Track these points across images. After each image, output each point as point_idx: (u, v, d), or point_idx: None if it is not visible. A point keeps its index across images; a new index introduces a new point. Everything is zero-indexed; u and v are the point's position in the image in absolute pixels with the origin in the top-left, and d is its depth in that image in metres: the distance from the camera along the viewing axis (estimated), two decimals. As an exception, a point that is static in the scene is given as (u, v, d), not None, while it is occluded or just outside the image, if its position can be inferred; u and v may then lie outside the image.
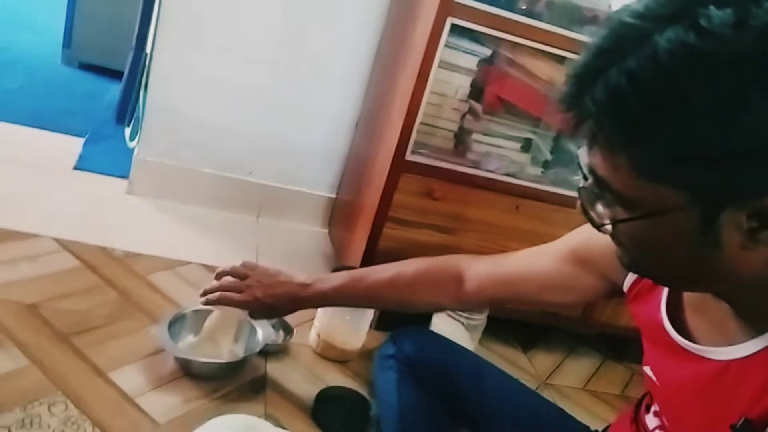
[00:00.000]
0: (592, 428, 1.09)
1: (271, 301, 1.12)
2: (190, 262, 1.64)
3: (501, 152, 1.60)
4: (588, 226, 0.65)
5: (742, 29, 0.48)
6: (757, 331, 0.64)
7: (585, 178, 0.63)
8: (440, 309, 1.18)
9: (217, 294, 1.13)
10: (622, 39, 0.53)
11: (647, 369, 0.84)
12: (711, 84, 0.50)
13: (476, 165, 1.57)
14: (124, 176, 1.92)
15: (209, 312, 1.31)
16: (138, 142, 1.90)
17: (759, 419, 0.60)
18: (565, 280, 0.95)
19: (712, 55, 0.49)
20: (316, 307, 1.20)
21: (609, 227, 0.62)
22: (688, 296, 0.76)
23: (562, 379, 1.67)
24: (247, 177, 1.98)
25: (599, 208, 0.62)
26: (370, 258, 1.54)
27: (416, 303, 1.11)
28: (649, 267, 0.66)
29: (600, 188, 0.61)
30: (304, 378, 1.35)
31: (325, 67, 1.90)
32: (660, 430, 0.83)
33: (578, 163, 0.63)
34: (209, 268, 1.64)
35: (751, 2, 0.49)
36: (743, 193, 0.53)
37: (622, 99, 0.53)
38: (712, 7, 0.49)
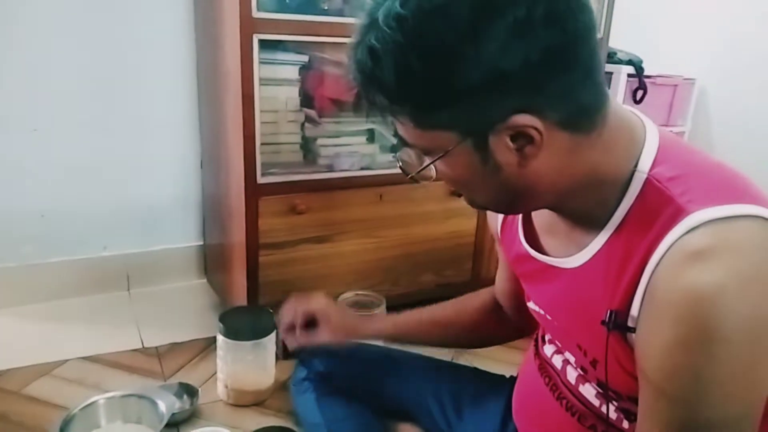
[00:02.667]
0: (508, 375, 1.13)
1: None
2: (66, 360, 1.51)
3: (349, 149, 1.61)
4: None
5: None
6: (595, 234, 0.69)
7: (399, 144, 0.72)
8: (489, 338, 1.19)
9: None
10: (365, 21, 0.63)
11: (531, 304, 0.89)
12: (423, 43, 0.59)
13: (330, 168, 1.58)
14: (-35, 294, 1.73)
15: (98, 403, 1.22)
16: (-31, 254, 1.72)
17: (620, 307, 0.66)
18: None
19: (411, 17, 0.58)
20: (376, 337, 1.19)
21: (420, 175, 0.70)
22: (538, 222, 0.83)
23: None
24: (103, 253, 1.85)
25: (409, 154, 0.71)
26: (255, 292, 1.50)
27: (471, 340, 1.19)
28: (476, 200, 0.74)
29: (404, 145, 0.70)
30: (224, 434, 1.28)
31: (149, 117, 1.81)
32: (557, 354, 0.88)
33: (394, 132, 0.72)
34: (90, 359, 1.53)
35: None
36: (489, 121, 0.61)
37: (367, 71, 0.63)
38: None
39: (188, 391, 1.37)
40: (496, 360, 1.60)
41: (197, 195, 1.92)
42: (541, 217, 0.82)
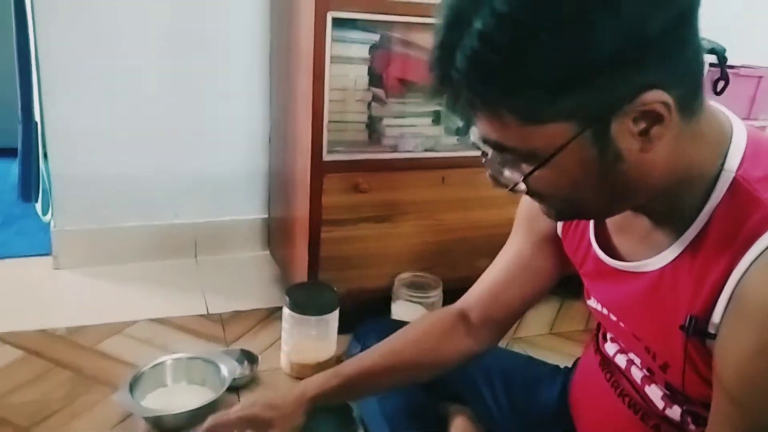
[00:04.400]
0: (562, 366, 1.12)
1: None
2: (136, 321, 1.59)
3: (414, 131, 1.61)
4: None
5: None
6: (676, 235, 0.67)
7: (484, 153, 0.65)
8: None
9: None
10: (461, 8, 0.56)
11: (592, 302, 0.87)
12: (552, 15, 0.52)
13: (394, 149, 1.59)
14: (47, 253, 1.85)
15: (166, 363, 1.29)
16: (52, 214, 1.83)
17: (702, 312, 0.63)
18: (528, 262, 0.94)
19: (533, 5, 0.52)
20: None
21: (522, 185, 0.63)
22: (611, 221, 0.79)
23: (528, 329, 1.71)
24: (174, 220, 1.93)
25: (507, 173, 0.64)
26: (316, 267, 1.53)
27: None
28: (573, 208, 0.68)
29: (499, 153, 0.63)
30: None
31: (223, 91, 1.87)
32: (620, 353, 0.86)
33: (473, 144, 0.65)
34: (158, 321, 1.60)
35: None
36: (618, 101, 0.55)
37: (482, 60, 0.55)
38: None
39: (249, 357, 1.42)
40: (552, 350, 1.59)
41: (264, 169, 1.97)
42: (615, 218, 0.77)
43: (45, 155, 1.78)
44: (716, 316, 0.62)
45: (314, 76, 1.40)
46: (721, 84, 1.90)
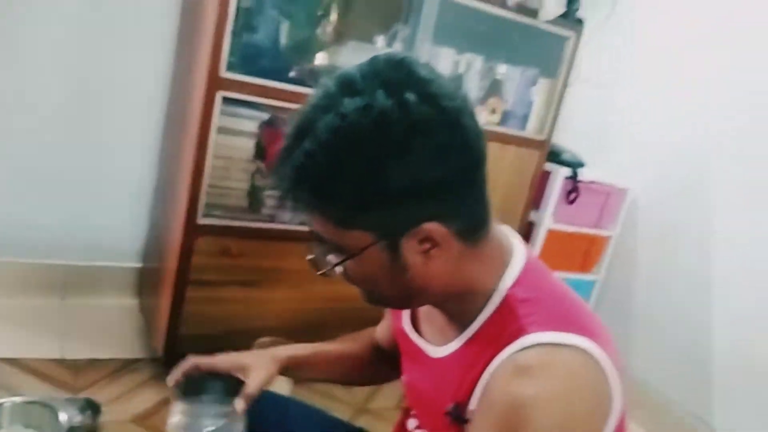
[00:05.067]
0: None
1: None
2: (-13, 360, 1.57)
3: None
4: None
5: (367, 111, 0.66)
6: (459, 333, 0.81)
7: (310, 240, 0.77)
8: (370, 379, 1.21)
9: None
10: (299, 126, 0.70)
11: (404, 377, 0.99)
12: (354, 154, 0.67)
13: (272, 219, 1.69)
14: None
15: (4, 405, 1.29)
16: None
17: (463, 400, 0.76)
18: None
19: (351, 131, 0.66)
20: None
21: (335, 270, 0.76)
22: (421, 310, 0.93)
23: (379, 401, 1.82)
24: (44, 260, 1.92)
25: (322, 251, 0.77)
26: (176, 324, 1.59)
27: (356, 379, 1.19)
28: (375, 296, 0.82)
29: (318, 241, 0.76)
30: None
31: (114, 142, 1.92)
32: (417, 429, 0.97)
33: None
34: (9, 361, 1.58)
35: (377, 92, 0.67)
36: (405, 225, 0.70)
37: (303, 173, 0.69)
38: (346, 99, 0.67)
39: (92, 407, 1.43)
40: (389, 420, 1.69)
41: (145, 219, 2.02)
42: (425, 306, 0.92)
43: None
44: (472, 404, 0.75)
45: (198, 143, 1.50)
46: (573, 195, 2.16)
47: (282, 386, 1.60)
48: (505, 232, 0.84)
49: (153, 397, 1.58)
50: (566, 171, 2.14)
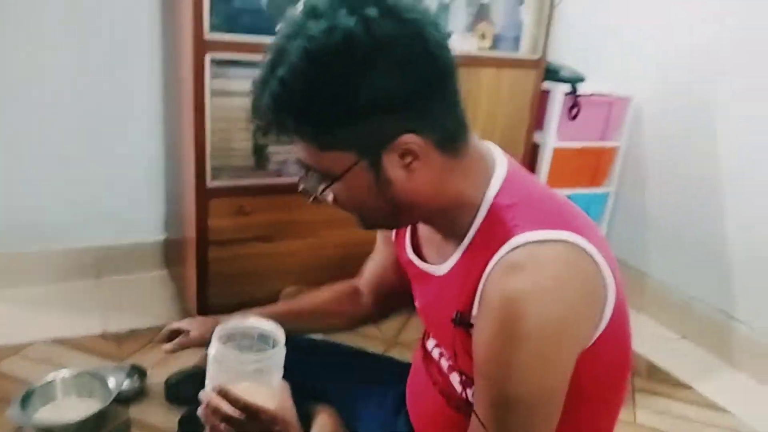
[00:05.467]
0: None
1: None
2: (33, 342, 1.67)
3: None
4: None
5: (331, 31, 0.70)
6: (455, 247, 0.85)
7: (301, 171, 0.82)
8: (353, 323, 1.29)
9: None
10: (272, 56, 0.74)
11: (417, 302, 1.04)
12: (325, 73, 0.70)
13: (279, 174, 1.74)
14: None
15: (56, 379, 1.38)
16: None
17: (465, 307, 0.81)
18: (393, 257, 1.14)
19: (319, 52, 0.70)
20: None
21: (327, 196, 0.81)
22: (420, 232, 0.98)
23: (409, 334, 1.89)
24: (75, 244, 2.01)
25: (310, 178, 0.81)
26: (205, 285, 1.66)
27: (336, 325, 1.27)
28: (367, 218, 0.87)
29: (305, 169, 0.81)
30: (165, 412, 1.45)
31: (121, 125, 1.97)
32: (436, 347, 1.02)
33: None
34: (56, 341, 1.69)
35: (339, 12, 0.70)
36: (383, 140, 0.74)
37: (279, 98, 0.73)
38: (311, 22, 0.71)
39: (139, 371, 1.52)
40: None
41: (161, 192, 2.08)
42: (423, 230, 0.97)
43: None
44: (474, 309, 0.80)
45: (195, 108, 1.53)
46: (574, 111, 2.15)
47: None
48: (487, 146, 0.88)
49: (192, 357, 1.66)
50: (565, 87, 2.13)
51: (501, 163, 0.85)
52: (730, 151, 2.02)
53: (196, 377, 1.35)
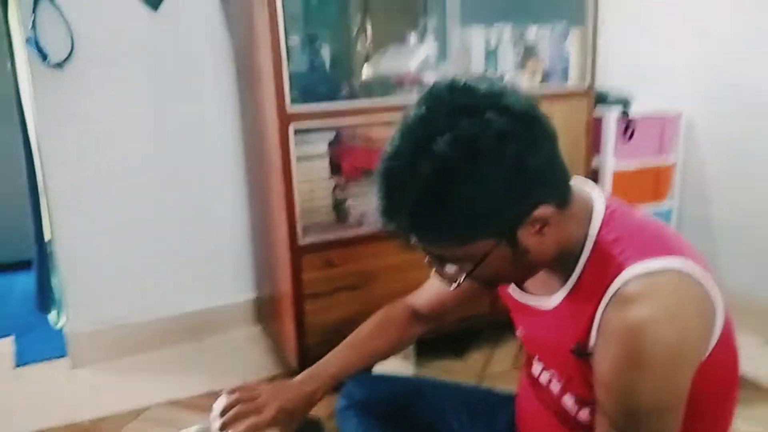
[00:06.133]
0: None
1: (293, 405, 1.15)
2: (151, 405, 1.81)
3: (374, 207, 1.89)
4: None
5: (458, 143, 0.75)
6: (562, 283, 0.92)
7: (427, 255, 0.88)
8: (411, 341, 1.36)
9: (243, 426, 1.07)
10: (395, 180, 0.78)
11: (518, 331, 1.12)
12: (461, 187, 0.76)
13: (359, 225, 1.86)
14: (63, 355, 2.07)
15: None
16: (66, 320, 2.05)
17: (583, 339, 0.88)
18: (465, 285, 1.23)
19: (452, 167, 0.75)
20: (327, 392, 1.24)
21: (462, 281, 0.86)
22: None
23: (496, 366, 1.96)
24: (173, 311, 2.17)
25: (448, 269, 0.86)
26: (303, 335, 1.77)
27: (398, 344, 1.33)
28: (500, 283, 0.99)
29: (440, 261, 0.86)
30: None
31: (205, 190, 2.15)
32: (545, 371, 1.08)
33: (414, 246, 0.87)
34: (171, 403, 1.82)
35: (460, 121, 0.75)
36: (519, 220, 0.80)
37: (421, 219, 0.79)
38: (437, 138, 0.75)
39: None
40: (509, 379, 1.84)
41: (249, 256, 2.24)
42: None
43: (55, 269, 2.02)
44: (591, 341, 0.86)
45: (284, 175, 1.67)
46: (629, 132, 2.23)
47: (405, 369, 1.77)
48: (579, 182, 0.94)
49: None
50: (617, 111, 2.21)
51: (598, 199, 0.91)
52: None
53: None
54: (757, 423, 1.65)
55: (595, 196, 0.92)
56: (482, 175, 0.75)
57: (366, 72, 1.92)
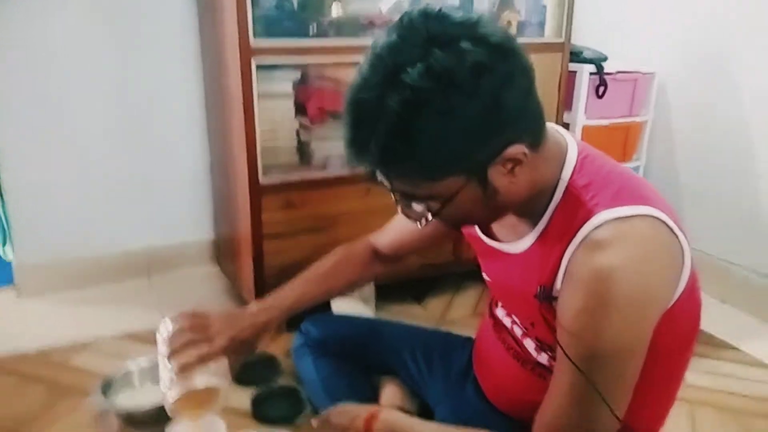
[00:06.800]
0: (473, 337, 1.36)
1: (245, 335, 1.12)
2: (100, 337, 1.77)
3: (340, 151, 1.84)
4: None
5: (430, 74, 0.70)
6: (531, 228, 0.90)
7: (393, 193, 0.84)
8: (370, 280, 1.41)
9: (193, 355, 1.03)
10: (363, 112, 0.74)
11: (485, 275, 1.11)
12: (433, 118, 0.71)
13: (323, 168, 1.82)
14: (9, 284, 2.02)
15: (132, 369, 1.47)
16: (12, 250, 1.98)
17: (548, 283, 0.87)
18: (431, 227, 1.20)
19: (423, 98, 0.70)
20: (281, 323, 1.22)
21: (430, 219, 0.84)
22: None
23: (455, 313, 1.97)
24: (126, 246, 2.12)
25: (415, 207, 0.84)
26: (261, 276, 1.75)
27: (356, 281, 1.34)
28: (469, 224, 0.97)
29: (408, 199, 0.83)
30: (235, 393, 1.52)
31: (165, 132, 2.09)
32: (507, 316, 1.09)
33: (382, 184, 0.83)
34: (120, 336, 1.78)
35: (432, 51, 0.70)
36: (489, 158, 0.77)
37: (390, 153, 0.75)
38: (407, 68, 0.70)
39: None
40: (467, 326, 1.84)
41: (208, 194, 2.18)
42: None
43: (1, 197, 1.94)
44: (557, 284, 0.85)
45: (245, 113, 1.62)
46: (601, 89, 2.21)
47: (365, 312, 1.76)
48: (555, 128, 0.92)
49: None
50: (590, 67, 2.18)
51: (572, 145, 0.89)
52: (757, 117, 2.06)
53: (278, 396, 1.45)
54: (717, 376, 1.69)
55: (569, 141, 0.90)
56: (455, 109, 0.71)
57: (335, 10, 1.84)
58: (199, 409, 1.13)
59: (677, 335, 0.90)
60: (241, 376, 1.54)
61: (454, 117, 0.72)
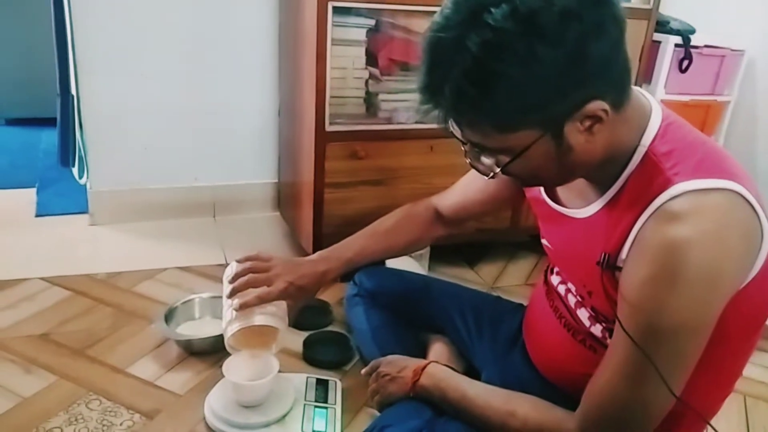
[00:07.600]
0: (525, 304, 1.36)
1: (304, 282, 1.17)
2: (165, 268, 1.84)
3: (406, 105, 1.83)
4: None
5: (515, 15, 0.68)
6: (601, 193, 0.88)
7: (463, 143, 0.83)
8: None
9: (252, 294, 1.12)
10: (441, 53, 0.72)
11: (544, 241, 1.09)
12: (513, 63, 0.69)
13: (388, 121, 1.81)
14: (84, 211, 2.10)
15: (194, 300, 1.53)
16: (88, 177, 2.07)
17: (613, 251, 0.84)
18: (495, 191, 1.20)
19: (505, 40, 0.68)
20: (339, 275, 1.27)
21: (498, 172, 0.82)
22: None
23: (507, 280, 1.95)
24: (194, 183, 2.18)
25: (484, 160, 0.83)
26: (320, 223, 1.77)
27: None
28: (536, 183, 0.93)
29: (478, 149, 0.81)
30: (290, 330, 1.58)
31: (237, 72, 2.11)
32: (561, 284, 1.07)
33: (452, 133, 0.81)
34: (184, 269, 1.85)
35: None
36: (568, 112, 0.74)
37: (464, 98, 0.72)
38: (491, 8, 0.68)
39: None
40: (525, 298, 1.83)
41: (274, 139, 2.21)
42: None
43: (80, 125, 2.02)
44: (623, 254, 0.83)
45: (317, 57, 1.61)
46: (685, 63, 2.10)
47: (417, 269, 1.77)
48: (641, 92, 0.87)
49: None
50: (676, 39, 2.08)
51: (656, 110, 0.85)
52: None
53: (328, 341, 1.49)
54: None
55: (654, 106, 0.86)
56: (537, 56, 0.68)
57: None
58: (256, 347, 1.18)
59: (746, 319, 0.86)
60: (294, 320, 1.59)
61: (534, 64, 0.68)
